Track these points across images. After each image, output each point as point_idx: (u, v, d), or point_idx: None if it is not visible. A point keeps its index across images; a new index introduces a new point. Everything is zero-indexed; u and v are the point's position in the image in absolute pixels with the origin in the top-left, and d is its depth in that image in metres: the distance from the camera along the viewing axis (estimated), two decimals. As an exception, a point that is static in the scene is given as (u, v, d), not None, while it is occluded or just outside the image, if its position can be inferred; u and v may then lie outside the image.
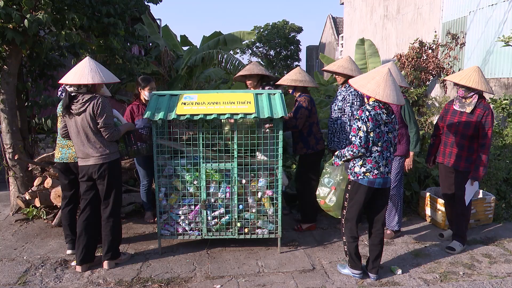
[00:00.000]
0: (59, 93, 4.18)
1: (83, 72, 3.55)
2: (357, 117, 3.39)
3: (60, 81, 3.63)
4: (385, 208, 3.60)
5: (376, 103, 3.41)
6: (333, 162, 3.68)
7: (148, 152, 4.11)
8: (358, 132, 3.35)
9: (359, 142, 3.35)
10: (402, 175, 4.47)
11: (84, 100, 3.58)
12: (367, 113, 3.35)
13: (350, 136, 3.47)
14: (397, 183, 4.42)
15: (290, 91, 4.72)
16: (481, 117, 3.97)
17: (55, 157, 4.09)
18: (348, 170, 3.56)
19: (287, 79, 4.65)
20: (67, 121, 3.69)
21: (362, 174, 3.43)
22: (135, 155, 4.13)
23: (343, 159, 3.54)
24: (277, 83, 4.80)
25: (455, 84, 4.12)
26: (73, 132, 3.68)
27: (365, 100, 3.54)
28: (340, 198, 3.78)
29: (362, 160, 3.43)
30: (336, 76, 4.68)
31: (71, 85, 3.57)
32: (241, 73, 4.85)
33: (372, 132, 3.35)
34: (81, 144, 3.65)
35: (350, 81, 3.58)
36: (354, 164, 3.48)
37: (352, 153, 3.40)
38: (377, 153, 3.41)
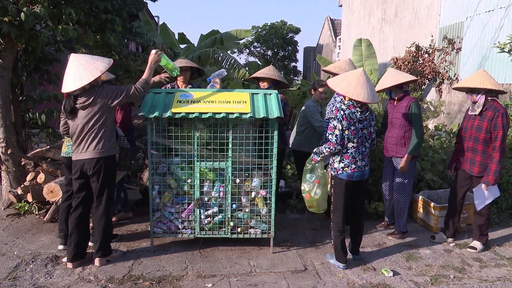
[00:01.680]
0: None
1: (78, 72, 3.51)
2: (333, 116, 3.66)
3: (65, 91, 3.58)
4: (364, 198, 3.94)
5: (350, 102, 3.67)
6: (311, 158, 3.90)
7: (137, 170, 4.26)
8: (334, 131, 3.62)
9: (335, 139, 3.61)
10: (411, 178, 4.51)
11: (87, 94, 3.57)
12: (342, 112, 3.62)
13: (327, 134, 3.72)
14: (405, 186, 4.46)
15: (266, 86, 4.74)
16: (491, 119, 3.97)
17: (62, 152, 4.12)
18: (329, 166, 3.81)
19: (276, 75, 4.73)
20: (68, 120, 3.69)
21: (341, 169, 3.70)
22: (124, 168, 4.23)
23: (320, 156, 3.79)
24: (253, 76, 4.86)
25: (464, 90, 4.21)
26: (74, 127, 3.64)
27: (342, 99, 3.80)
28: (324, 192, 3.94)
29: (340, 156, 3.70)
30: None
31: (75, 91, 3.54)
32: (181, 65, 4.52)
33: (347, 130, 3.62)
34: (81, 137, 3.63)
35: (328, 81, 3.88)
36: (333, 160, 3.75)
37: (329, 149, 3.67)
38: (353, 149, 3.68)
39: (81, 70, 3.51)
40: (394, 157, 4.47)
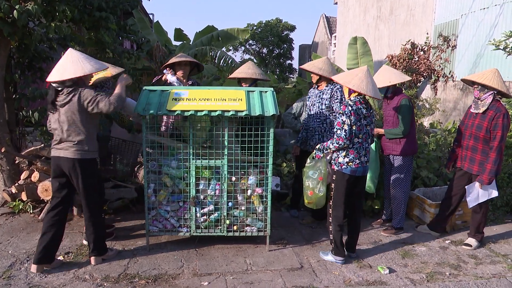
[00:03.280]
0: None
1: (65, 66, 3.44)
2: (341, 112, 3.68)
3: (48, 80, 3.52)
4: (363, 195, 4.01)
5: (357, 99, 3.73)
6: (314, 155, 3.91)
7: (125, 173, 3.95)
8: (343, 126, 3.65)
9: (344, 135, 3.64)
10: (408, 175, 4.54)
11: (68, 91, 3.48)
12: (350, 108, 3.66)
13: (335, 130, 3.71)
14: (401, 182, 4.49)
15: (248, 84, 4.72)
16: (492, 118, 3.96)
17: None
18: (332, 161, 3.82)
19: (257, 73, 4.72)
20: (51, 115, 3.62)
21: (346, 164, 3.73)
22: (112, 173, 3.99)
23: (325, 151, 3.82)
24: (235, 76, 4.80)
25: (472, 83, 4.14)
26: (55, 124, 3.57)
27: (346, 95, 3.83)
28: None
29: (345, 151, 3.74)
30: (312, 75, 4.71)
31: (55, 82, 3.46)
32: (173, 60, 4.60)
33: (354, 126, 3.66)
34: (60, 135, 3.55)
35: (334, 77, 3.94)
36: (338, 155, 3.77)
37: (337, 145, 3.69)
38: (358, 144, 3.74)
39: (68, 65, 3.44)
40: (390, 155, 4.50)
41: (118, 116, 5.06)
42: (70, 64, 3.45)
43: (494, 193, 4.14)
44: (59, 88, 3.51)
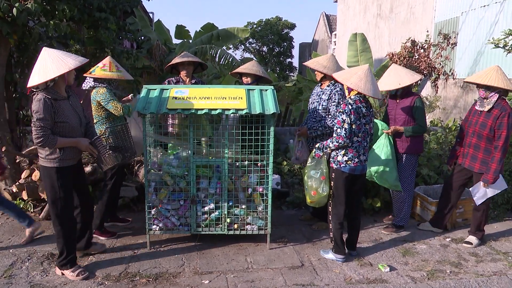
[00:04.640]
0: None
1: (46, 66, 3.19)
2: (341, 110, 3.66)
3: (29, 86, 3.25)
4: (362, 193, 4.03)
5: (357, 97, 3.71)
6: (314, 154, 3.89)
7: (119, 160, 3.67)
8: (343, 125, 3.64)
9: (344, 133, 3.64)
10: (412, 174, 4.54)
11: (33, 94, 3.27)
12: (350, 107, 3.65)
13: (335, 128, 3.71)
14: (406, 180, 4.48)
15: (249, 81, 4.70)
16: (497, 118, 3.93)
17: None
18: (331, 159, 3.82)
19: (259, 71, 4.68)
20: None
21: (345, 163, 3.74)
22: (107, 164, 3.61)
23: (325, 150, 3.82)
24: (237, 71, 4.79)
25: (477, 86, 4.10)
26: None
27: (346, 93, 3.82)
28: (329, 188, 3.95)
29: (344, 150, 3.74)
30: (316, 72, 4.58)
31: (38, 85, 3.21)
32: (176, 61, 4.66)
33: (353, 124, 3.66)
34: None
35: (334, 75, 3.89)
36: (337, 153, 3.78)
37: (337, 144, 3.68)
38: (358, 143, 3.73)
39: (49, 64, 3.19)
40: (399, 153, 4.47)
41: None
42: (51, 63, 3.20)
43: (504, 186, 4.12)
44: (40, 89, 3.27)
